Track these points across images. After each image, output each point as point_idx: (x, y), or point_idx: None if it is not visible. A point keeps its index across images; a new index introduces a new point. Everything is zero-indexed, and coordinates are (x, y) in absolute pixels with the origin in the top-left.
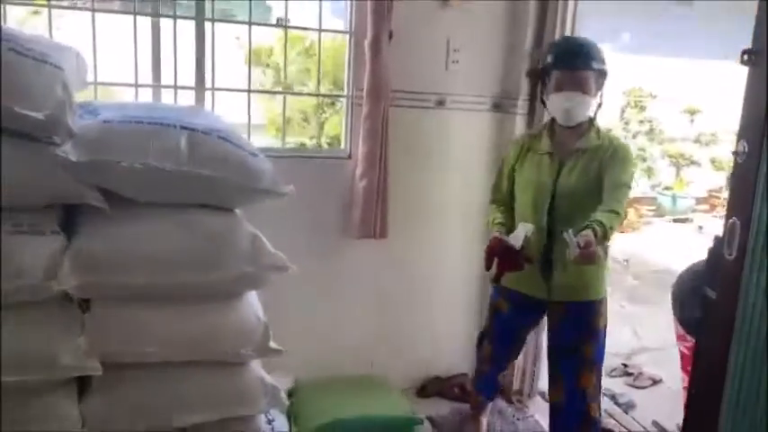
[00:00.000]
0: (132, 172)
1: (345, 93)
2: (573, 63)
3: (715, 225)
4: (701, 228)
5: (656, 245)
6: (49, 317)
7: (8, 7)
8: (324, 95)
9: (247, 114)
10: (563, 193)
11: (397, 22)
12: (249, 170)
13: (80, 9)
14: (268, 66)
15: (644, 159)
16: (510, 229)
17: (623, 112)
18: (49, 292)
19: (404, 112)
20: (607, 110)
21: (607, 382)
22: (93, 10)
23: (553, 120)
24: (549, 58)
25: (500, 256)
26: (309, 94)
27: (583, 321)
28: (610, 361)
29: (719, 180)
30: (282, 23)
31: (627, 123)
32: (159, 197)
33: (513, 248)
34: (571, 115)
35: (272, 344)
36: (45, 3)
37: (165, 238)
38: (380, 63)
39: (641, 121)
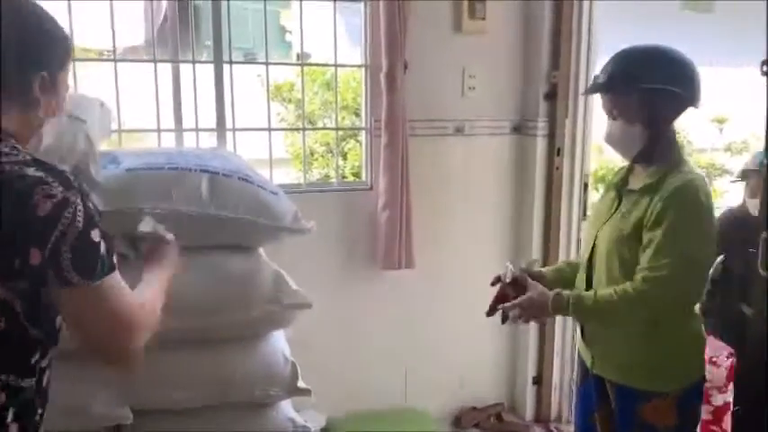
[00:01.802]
0: (156, 218)
1: (363, 125)
2: (604, 85)
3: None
4: None
5: None
6: (79, 367)
7: None
8: (342, 129)
9: (269, 151)
10: (601, 242)
11: (411, 52)
12: (271, 209)
13: (103, 60)
14: (290, 101)
15: None
16: (565, 276)
17: None
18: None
19: (423, 141)
20: None
21: None
22: (116, 60)
23: None
24: (601, 78)
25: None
26: (328, 129)
27: (624, 409)
28: None
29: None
30: (300, 61)
31: None
32: (183, 241)
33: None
34: (614, 148)
35: (301, 383)
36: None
37: (190, 283)
38: (397, 94)
39: None
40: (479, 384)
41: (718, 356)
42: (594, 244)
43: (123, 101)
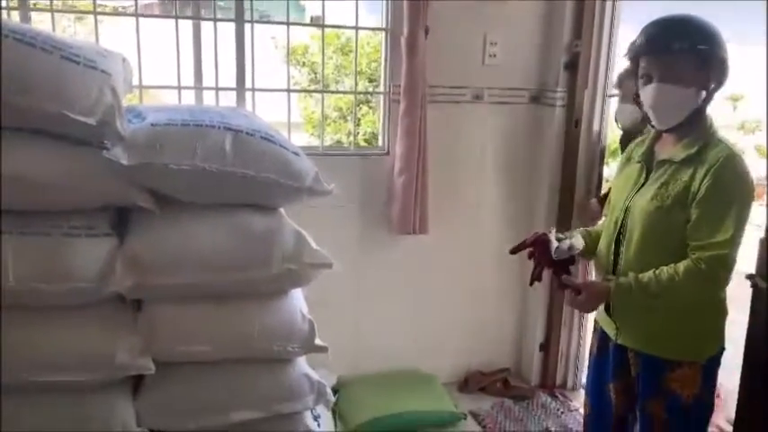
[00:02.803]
0: (180, 173)
1: (382, 90)
2: (658, 45)
3: (763, 214)
4: None
5: None
6: (104, 318)
7: (56, 15)
8: (361, 93)
9: (287, 113)
10: (633, 218)
11: (432, 18)
12: (292, 169)
13: (124, 15)
14: (304, 64)
15: None
16: (590, 247)
17: None
18: (102, 293)
19: (441, 108)
20: None
21: None
22: (137, 15)
23: None
24: (639, 41)
25: (536, 251)
26: (346, 92)
27: (648, 378)
28: None
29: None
30: (318, 23)
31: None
32: (206, 198)
33: (549, 250)
34: (659, 114)
35: (318, 340)
36: (90, 10)
37: (212, 239)
38: (417, 59)
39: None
40: (487, 350)
41: None
42: (624, 215)
43: (143, 58)
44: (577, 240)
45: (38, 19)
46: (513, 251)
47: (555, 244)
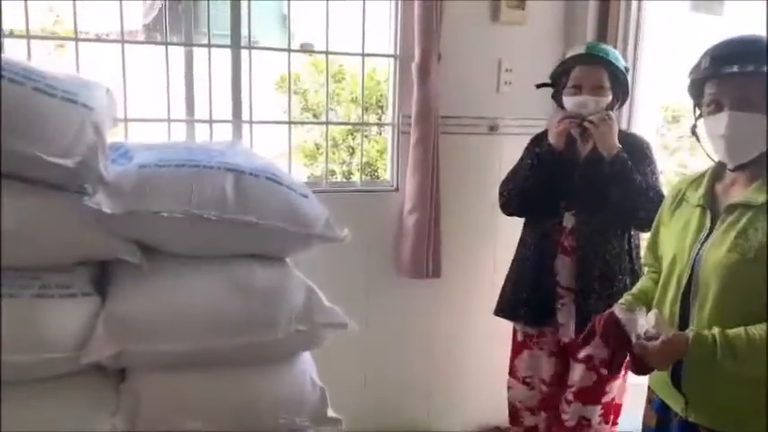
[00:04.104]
0: (173, 222)
1: (391, 120)
2: (730, 67)
3: None
4: None
5: None
6: (82, 392)
7: (32, 42)
8: (368, 124)
9: (288, 146)
10: (706, 274)
11: (444, 42)
12: (301, 214)
13: (108, 41)
14: (295, 92)
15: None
16: (646, 301)
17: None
18: (79, 365)
19: (453, 140)
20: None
21: None
22: (123, 41)
23: None
24: (704, 64)
25: (609, 336)
26: (353, 123)
27: None
28: None
29: None
30: (312, 49)
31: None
32: (201, 249)
33: (626, 334)
34: (732, 147)
35: (330, 412)
36: (72, 36)
37: (210, 297)
38: (429, 87)
39: (680, 137)
40: (506, 405)
41: None
42: (691, 270)
43: (129, 88)
44: (652, 313)
45: (14, 47)
46: (584, 342)
47: (631, 321)
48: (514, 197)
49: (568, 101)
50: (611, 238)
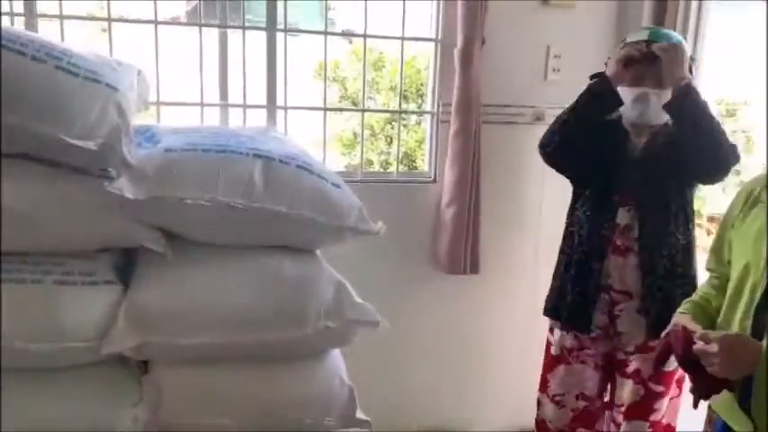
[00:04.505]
0: (198, 210)
1: (430, 108)
2: None
3: None
4: None
5: None
6: (102, 383)
7: (75, 26)
8: (405, 112)
9: (323, 134)
10: None
11: (488, 26)
12: (333, 205)
13: (141, 22)
14: (334, 80)
15: (738, 173)
16: (709, 309)
17: None
18: (101, 354)
19: (496, 129)
20: None
21: None
22: (156, 22)
23: None
24: None
25: (686, 360)
26: (390, 111)
27: None
28: None
29: None
30: (351, 33)
31: None
32: (228, 239)
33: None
34: None
35: (359, 413)
36: (104, 17)
37: (237, 289)
38: (472, 74)
39: (734, 132)
40: None
41: None
42: None
43: (162, 71)
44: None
45: (50, 29)
46: (660, 362)
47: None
48: (555, 131)
49: (627, 94)
50: (674, 231)
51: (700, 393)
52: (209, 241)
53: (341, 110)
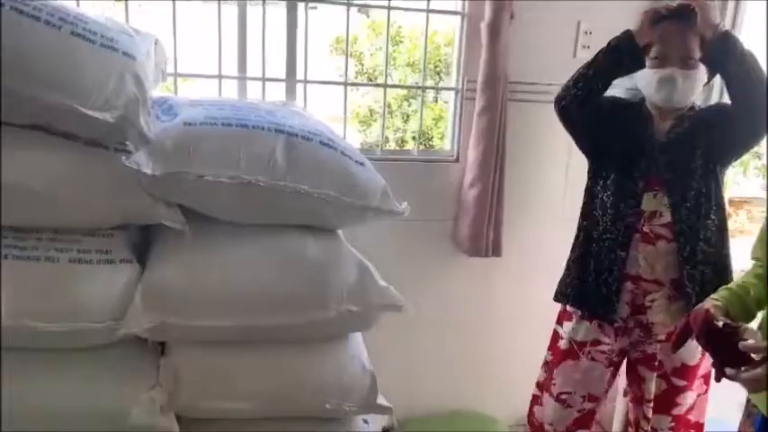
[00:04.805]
0: (219, 187)
1: (454, 85)
2: None
3: None
4: None
5: None
6: (118, 364)
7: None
8: (429, 88)
9: (344, 109)
10: None
11: (517, 1)
12: (357, 184)
13: None
14: (352, 54)
15: (758, 156)
16: (746, 307)
17: None
18: (117, 335)
19: (522, 108)
20: None
21: None
22: None
23: None
24: None
25: (709, 339)
26: (413, 87)
27: None
28: None
29: None
30: (372, 5)
31: None
32: (248, 217)
33: (728, 336)
34: None
35: (381, 399)
36: None
37: (257, 269)
38: (500, 49)
39: None
40: None
41: None
42: None
43: (180, 42)
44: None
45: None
46: (678, 342)
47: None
48: (571, 85)
49: (652, 75)
50: (708, 214)
51: (723, 366)
52: (228, 219)
53: (363, 85)
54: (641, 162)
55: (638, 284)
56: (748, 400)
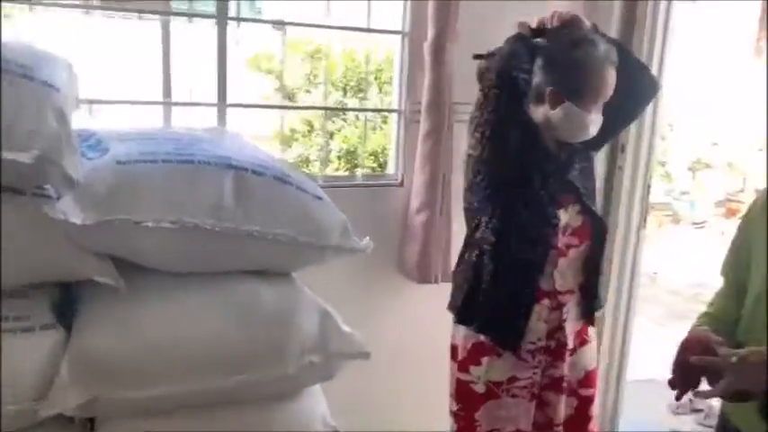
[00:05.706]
0: (160, 234)
1: (397, 107)
2: None
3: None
4: (723, 233)
5: (682, 254)
6: None
7: None
8: (374, 110)
9: (280, 130)
10: None
11: (461, 19)
12: (315, 221)
13: (68, 6)
14: (269, 72)
15: (662, 164)
16: (728, 322)
17: None
18: (38, 417)
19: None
20: None
21: (674, 423)
22: (89, 6)
23: None
24: None
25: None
26: (357, 110)
27: None
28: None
29: (737, 184)
30: (315, 24)
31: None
32: (195, 266)
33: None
34: None
35: None
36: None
37: (205, 325)
38: (444, 70)
39: None
40: None
41: None
42: None
43: (92, 64)
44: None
45: None
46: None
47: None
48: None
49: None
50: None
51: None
52: (169, 269)
53: (303, 108)
54: (549, 180)
55: (557, 299)
56: (722, 413)
